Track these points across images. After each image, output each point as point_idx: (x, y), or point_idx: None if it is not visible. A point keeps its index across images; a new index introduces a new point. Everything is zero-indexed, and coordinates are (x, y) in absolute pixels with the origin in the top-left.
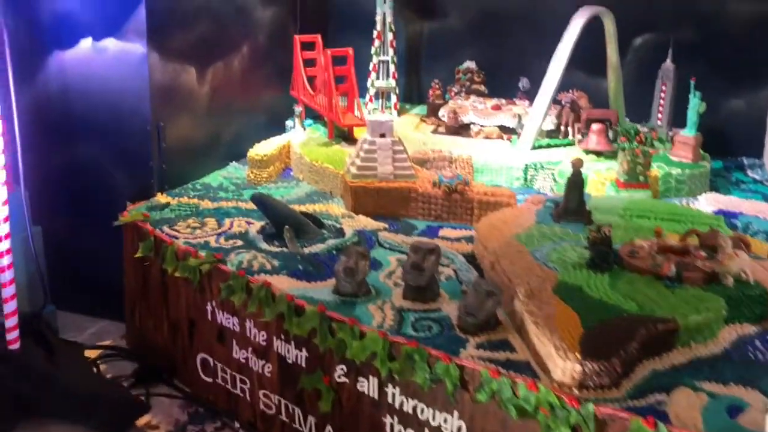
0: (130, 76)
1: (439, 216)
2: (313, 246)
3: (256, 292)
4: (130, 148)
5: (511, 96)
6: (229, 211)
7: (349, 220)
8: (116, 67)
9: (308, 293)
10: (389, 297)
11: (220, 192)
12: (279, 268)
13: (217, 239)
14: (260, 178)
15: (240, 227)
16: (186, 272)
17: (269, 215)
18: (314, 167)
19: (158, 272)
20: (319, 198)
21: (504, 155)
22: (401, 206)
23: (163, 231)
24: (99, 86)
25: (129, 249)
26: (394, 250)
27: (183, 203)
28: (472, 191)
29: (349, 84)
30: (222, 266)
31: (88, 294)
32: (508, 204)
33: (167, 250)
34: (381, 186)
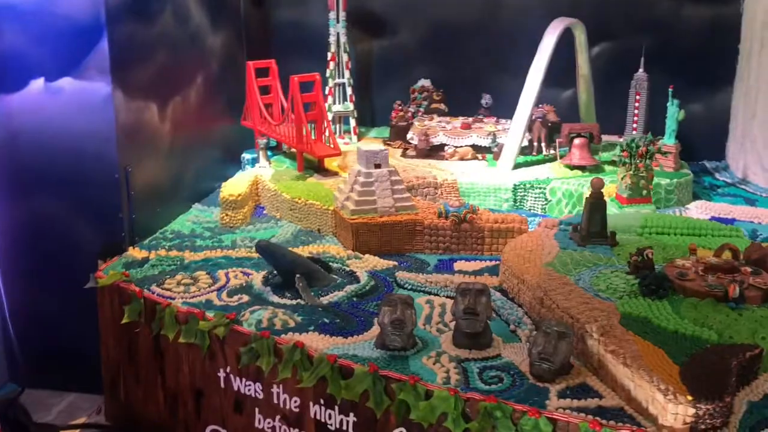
0: (92, 118)
1: (447, 248)
2: (330, 294)
3: (289, 355)
4: (96, 199)
5: (471, 113)
6: (218, 262)
7: (356, 261)
8: (75, 108)
9: (349, 351)
10: (438, 346)
11: (196, 240)
12: (304, 324)
13: (219, 296)
14: (235, 221)
15: (238, 279)
16: (192, 338)
17: (277, 264)
18: (297, 205)
19: (150, 338)
20: (309, 237)
21: (487, 176)
22: (406, 241)
23: (152, 291)
24: (55, 131)
25: (107, 313)
26: (418, 290)
27: (163, 257)
28: (481, 219)
29: (317, 111)
30: (238, 328)
31: (52, 366)
32: (520, 230)
33: (164, 313)
34: (384, 221)
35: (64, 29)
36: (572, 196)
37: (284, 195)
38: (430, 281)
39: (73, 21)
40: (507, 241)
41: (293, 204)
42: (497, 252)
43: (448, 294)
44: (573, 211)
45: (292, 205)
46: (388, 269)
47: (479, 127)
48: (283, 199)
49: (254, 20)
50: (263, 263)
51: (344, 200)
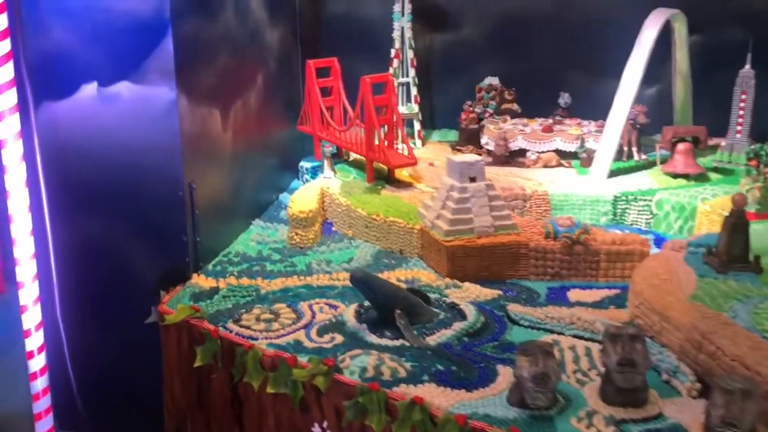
0: (154, 128)
1: (557, 274)
2: (436, 333)
3: (405, 413)
4: (156, 220)
5: (545, 114)
6: (298, 292)
7: (456, 291)
8: (134, 117)
9: (478, 409)
10: (584, 403)
11: (266, 264)
12: (417, 374)
13: (307, 335)
14: (306, 240)
15: (324, 313)
16: (282, 387)
17: (375, 298)
18: (374, 222)
19: (226, 385)
20: (391, 260)
21: (579, 186)
22: (509, 266)
23: (228, 329)
24: (109, 143)
25: (172, 353)
26: (537, 328)
27: (234, 286)
28: (595, 241)
29: (389, 115)
30: (340, 377)
31: (108, 412)
32: (641, 253)
33: (247, 357)
34: (484, 243)
35: (121, 27)
36: (684, 210)
37: (359, 211)
38: (551, 317)
39: (131, 17)
40: (625, 265)
41: (370, 221)
42: (614, 278)
43: (576, 333)
44: (684, 227)
45: (368, 222)
46: (493, 300)
47: (562, 130)
48: (357, 216)
49: (309, 14)
50: (349, 293)
51: (434, 218)
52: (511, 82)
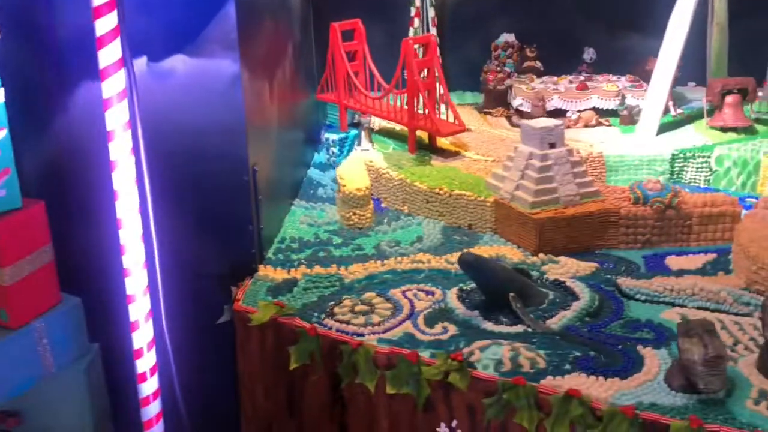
0: (216, 107)
1: (647, 241)
2: (555, 316)
3: (561, 408)
4: (220, 208)
5: (568, 71)
6: (384, 279)
7: (554, 266)
8: (191, 95)
9: (642, 398)
10: (746, 381)
11: (331, 249)
12: (557, 363)
13: (415, 326)
14: (365, 220)
15: (422, 300)
16: (404, 387)
17: (487, 282)
18: (438, 197)
19: (325, 388)
20: (464, 237)
21: (630, 145)
22: (598, 235)
23: (324, 325)
24: (163, 125)
25: (254, 356)
26: (657, 302)
27: (312, 275)
28: (686, 204)
29: (431, 79)
30: (475, 372)
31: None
32: (733, 214)
33: (356, 356)
34: (574, 214)
35: None
36: (746, 165)
37: (417, 185)
38: (670, 289)
39: None
40: (717, 227)
41: (432, 196)
42: (705, 242)
43: (700, 305)
44: (747, 182)
45: (430, 197)
46: (593, 274)
47: (597, 87)
48: (415, 191)
49: None
50: (438, 277)
51: (513, 190)
52: (527, 38)
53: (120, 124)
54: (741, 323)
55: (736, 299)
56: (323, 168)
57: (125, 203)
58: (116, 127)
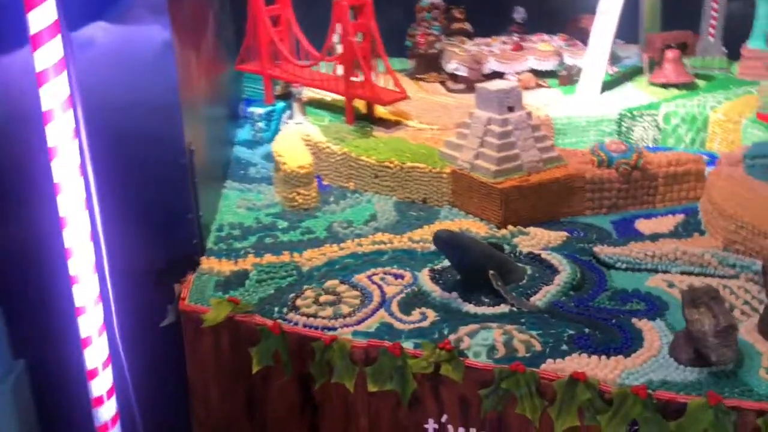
0: (144, 81)
1: (613, 205)
2: (539, 292)
3: (565, 393)
4: (154, 197)
5: (496, 33)
6: (345, 264)
7: (524, 238)
8: (116, 68)
9: (650, 376)
10: (754, 349)
11: (278, 234)
12: (552, 344)
13: (391, 314)
14: (310, 200)
15: (392, 285)
16: (387, 384)
17: (462, 259)
18: (388, 171)
19: (294, 389)
20: (420, 212)
21: (573, 106)
22: (563, 203)
23: (288, 321)
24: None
25: (207, 359)
26: (640, 270)
27: (264, 266)
28: (651, 164)
29: (366, 44)
30: (470, 362)
31: None
32: (697, 172)
33: (330, 353)
34: (539, 181)
35: None
36: (695, 121)
37: (364, 159)
38: (651, 255)
39: None
40: (682, 187)
41: (381, 170)
42: (671, 202)
43: (684, 269)
44: (697, 139)
45: (379, 171)
46: (565, 244)
47: (532, 47)
48: (362, 165)
49: None
50: (404, 257)
51: (473, 158)
52: None
53: (58, 102)
54: (730, 286)
55: (720, 261)
56: (250, 145)
57: (69, 197)
58: (54, 105)
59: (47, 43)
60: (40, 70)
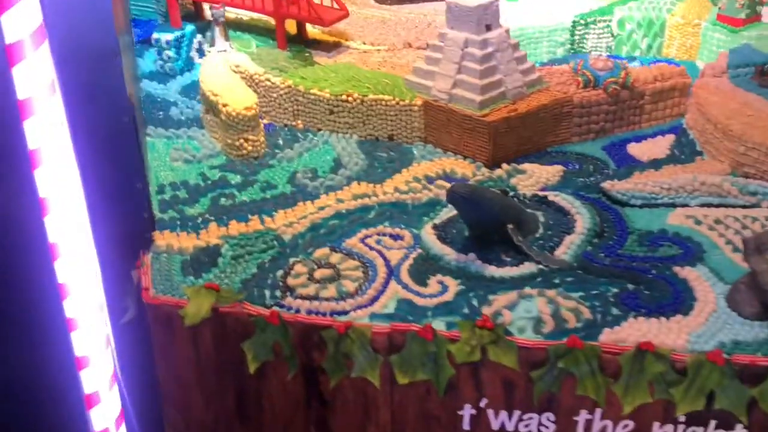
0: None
1: (601, 130)
2: (561, 244)
3: (633, 367)
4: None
5: None
6: (331, 227)
7: (521, 178)
8: None
9: (717, 336)
10: None
11: (234, 191)
12: (602, 310)
13: (405, 287)
14: (259, 146)
15: (393, 249)
16: (420, 373)
17: (482, 215)
18: (345, 106)
19: (299, 385)
20: (390, 152)
21: (524, 15)
22: (552, 131)
23: (285, 307)
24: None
25: (186, 359)
26: (657, 205)
27: (235, 237)
28: (638, 81)
29: None
30: (522, 341)
31: None
32: (683, 86)
33: (347, 343)
34: (528, 110)
35: None
36: (651, 26)
37: (316, 93)
38: (667, 188)
39: None
40: (667, 104)
41: (338, 105)
42: (656, 121)
43: (705, 201)
44: (653, 45)
45: (335, 106)
46: (565, 180)
47: None
48: (313, 100)
49: None
50: (395, 212)
51: (450, 88)
52: None
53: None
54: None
55: (741, 189)
56: (160, 79)
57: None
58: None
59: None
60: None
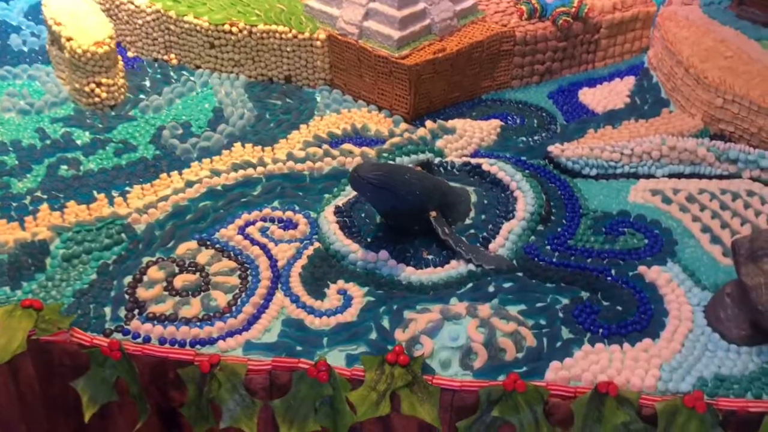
0: None
1: (548, 70)
2: (498, 234)
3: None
4: None
5: None
6: (200, 207)
7: (450, 140)
8: None
9: (694, 368)
10: None
11: (79, 155)
12: (549, 329)
13: (293, 299)
14: (118, 92)
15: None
16: (314, 422)
17: (398, 205)
18: (229, 38)
19: (155, 425)
20: (287, 100)
21: None
22: (488, 74)
23: (132, 335)
24: None
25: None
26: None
27: (71, 228)
28: (593, 11)
29: None
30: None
31: None
32: (646, 16)
33: (213, 387)
34: (460, 49)
35: None
36: None
37: (192, 21)
38: (628, 153)
39: None
40: (626, 38)
41: (220, 36)
42: (613, 59)
43: (673, 171)
44: None
45: (217, 38)
46: (503, 139)
47: None
48: (187, 30)
49: None
50: (287, 187)
51: (360, 20)
52: None
53: None
54: (740, 193)
55: (719, 157)
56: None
57: None
58: None
59: None
60: None
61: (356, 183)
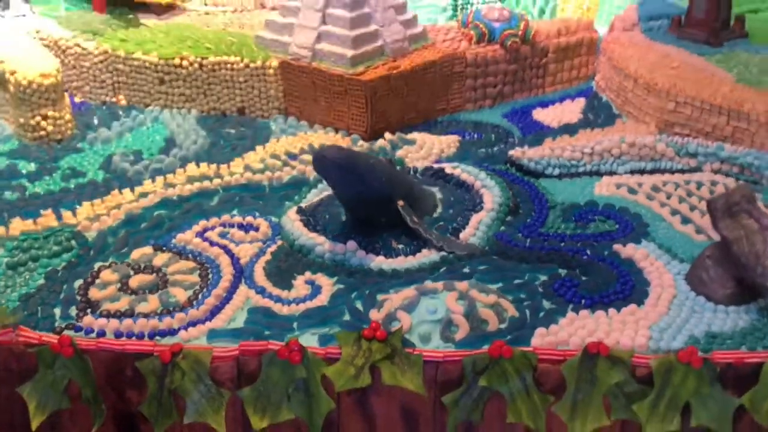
0: None
1: (499, 93)
2: (468, 225)
3: (579, 379)
4: None
5: None
6: (155, 216)
7: (411, 150)
8: None
9: (684, 328)
10: None
11: (24, 182)
12: (529, 301)
13: (258, 291)
14: (65, 126)
15: (243, 242)
16: (287, 410)
17: (363, 189)
18: (179, 72)
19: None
20: (240, 128)
21: None
22: (441, 96)
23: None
24: None
25: None
26: (578, 174)
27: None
28: (540, 35)
29: None
30: (426, 352)
31: None
32: (590, 42)
33: (176, 376)
34: (414, 67)
35: None
36: None
37: (141, 58)
38: (589, 153)
39: None
40: (573, 63)
41: (170, 71)
42: (561, 84)
43: (634, 167)
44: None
45: (167, 72)
46: (463, 150)
47: None
48: (136, 68)
49: None
50: (243, 196)
51: (312, 43)
52: None
53: None
54: (704, 182)
55: (678, 151)
56: None
57: None
58: None
59: None
60: None
61: (320, 165)
